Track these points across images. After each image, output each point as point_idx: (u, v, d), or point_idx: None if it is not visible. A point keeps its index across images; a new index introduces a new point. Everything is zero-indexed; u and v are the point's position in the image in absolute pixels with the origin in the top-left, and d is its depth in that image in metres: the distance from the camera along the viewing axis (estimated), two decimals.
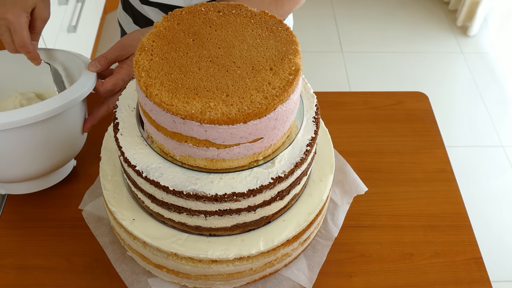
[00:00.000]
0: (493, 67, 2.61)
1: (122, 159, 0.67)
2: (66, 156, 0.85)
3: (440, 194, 0.93)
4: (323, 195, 0.74)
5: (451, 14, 2.91)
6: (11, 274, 0.82)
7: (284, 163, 0.65)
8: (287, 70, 0.61)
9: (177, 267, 0.71)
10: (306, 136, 0.69)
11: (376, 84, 2.50)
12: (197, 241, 0.69)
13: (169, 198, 0.64)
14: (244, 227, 0.69)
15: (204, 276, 0.72)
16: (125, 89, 0.73)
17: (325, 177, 0.76)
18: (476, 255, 0.85)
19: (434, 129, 1.04)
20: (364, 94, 1.12)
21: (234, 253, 0.68)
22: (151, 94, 0.58)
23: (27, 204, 0.89)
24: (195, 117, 0.56)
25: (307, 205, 0.73)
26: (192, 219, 0.67)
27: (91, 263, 0.82)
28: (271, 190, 0.65)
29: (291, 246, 0.72)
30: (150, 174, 0.64)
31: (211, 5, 0.68)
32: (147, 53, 0.62)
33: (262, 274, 0.75)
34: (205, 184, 0.63)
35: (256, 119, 0.58)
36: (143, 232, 0.69)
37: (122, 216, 0.70)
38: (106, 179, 0.74)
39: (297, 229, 0.70)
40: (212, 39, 0.64)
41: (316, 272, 0.79)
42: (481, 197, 2.01)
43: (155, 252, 0.70)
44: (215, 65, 0.61)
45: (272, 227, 0.70)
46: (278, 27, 0.65)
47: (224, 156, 0.61)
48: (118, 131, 0.68)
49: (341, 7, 2.96)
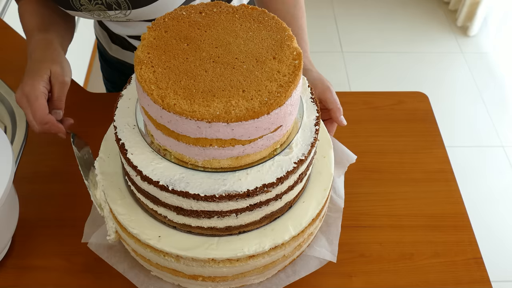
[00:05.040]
0: (493, 67, 2.61)
1: (140, 178, 0.65)
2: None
3: (440, 194, 0.93)
4: (330, 170, 0.76)
5: (451, 14, 2.91)
6: (11, 274, 0.82)
7: (301, 146, 0.67)
8: (290, 56, 0.62)
9: (214, 272, 0.70)
10: (311, 117, 0.71)
11: (376, 84, 2.50)
12: (229, 241, 0.69)
13: (199, 205, 0.64)
14: (271, 217, 0.70)
15: (241, 274, 0.72)
16: (117, 109, 0.71)
17: (327, 153, 0.77)
18: (476, 255, 0.85)
19: (434, 129, 1.04)
20: (364, 94, 1.12)
21: (269, 244, 0.68)
22: (169, 105, 0.57)
23: (27, 204, 0.89)
24: (221, 118, 0.56)
25: (320, 182, 0.75)
26: (222, 221, 0.66)
27: (91, 263, 0.82)
28: (295, 174, 0.66)
29: (314, 224, 0.74)
30: (176, 186, 0.62)
31: (190, 8, 0.68)
32: (148, 66, 0.61)
33: (292, 259, 0.77)
34: (234, 183, 0.63)
35: (277, 108, 0.59)
36: (174, 247, 0.68)
37: (146, 236, 0.68)
38: (116, 204, 0.71)
39: (319, 207, 0.72)
40: (206, 40, 0.64)
41: (336, 244, 0.80)
42: (481, 197, 2.01)
43: (189, 263, 0.69)
44: (220, 65, 0.61)
45: (295, 211, 0.72)
46: (264, 17, 0.67)
47: (249, 151, 0.62)
48: (127, 152, 0.66)
49: (341, 7, 2.96)
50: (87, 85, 2.38)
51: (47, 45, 0.87)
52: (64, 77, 0.83)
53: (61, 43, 0.90)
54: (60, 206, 0.90)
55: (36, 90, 0.79)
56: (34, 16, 0.91)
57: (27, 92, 0.80)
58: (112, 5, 0.85)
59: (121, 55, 1.11)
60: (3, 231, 0.79)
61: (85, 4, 0.85)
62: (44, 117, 0.79)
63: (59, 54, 0.86)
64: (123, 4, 0.85)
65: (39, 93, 0.79)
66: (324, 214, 0.79)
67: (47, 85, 0.82)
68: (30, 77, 0.81)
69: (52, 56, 0.85)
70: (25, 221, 0.87)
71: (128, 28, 1.01)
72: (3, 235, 0.80)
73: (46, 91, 0.81)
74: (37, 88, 0.80)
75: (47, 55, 0.85)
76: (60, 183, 0.93)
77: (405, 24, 2.86)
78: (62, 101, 0.84)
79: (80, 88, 1.12)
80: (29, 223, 0.88)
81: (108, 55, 1.15)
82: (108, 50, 1.14)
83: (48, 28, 0.90)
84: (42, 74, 0.81)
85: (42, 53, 0.85)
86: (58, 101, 0.83)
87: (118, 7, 0.86)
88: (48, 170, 0.96)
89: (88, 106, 1.07)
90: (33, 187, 0.93)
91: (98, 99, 1.10)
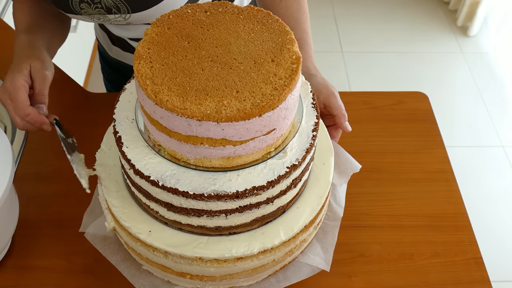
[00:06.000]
0: (493, 67, 2.61)
1: (133, 172, 0.65)
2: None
3: (440, 194, 0.93)
4: (329, 177, 0.75)
5: (451, 14, 2.91)
6: (11, 274, 0.82)
7: (295, 151, 0.67)
8: (289, 60, 0.62)
9: (202, 271, 0.70)
10: (309, 122, 0.70)
11: (376, 84, 2.49)
12: (218, 241, 0.69)
13: (188, 203, 0.64)
14: (262, 220, 0.69)
15: (229, 276, 0.72)
16: (118, 102, 0.72)
17: (327, 160, 0.77)
18: (476, 255, 0.85)
19: (434, 129, 1.04)
20: (364, 94, 1.12)
21: (258, 247, 0.68)
22: (162, 101, 0.57)
23: (27, 204, 0.89)
24: (211, 117, 0.56)
25: (317, 189, 0.74)
26: (212, 220, 0.66)
27: (91, 263, 0.82)
28: (287, 179, 0.66)
29: (308, 232, 0.74)
30: (166, 182, 0.63)
31: (196, 6, 0.68)
32: (146, 61, 0.61)
33: (283, 264, 0.76)
34: (224, 183, 0.63)
35: (270, 111, 0.59)
36: (163, 242, 0.68)
37: (137, 230, 0.69)
38: (111, 196, 0.72)
39: (313, 214, 0.72)
40: (207, 39, 0.64)
41: (331, 254, 0.79)
42: (481, 197, 2.01)
43: (177, 260, 0.69)
44: (217, 64, 0.61)
45: (288, 216, 0.71)
46: (268, 20, 0.66)
47: (240, 153, 0.62)
48: (123, 145, 0.67)
49: (341, 7, 2.96)
50: (87, 85, 2.38)
51: (29, 45, 0.86)
52: (44, 71, 0.82)
53: (46, 45, 0.89)
54: (60, 206, 0.90)
55: (16, 84, 0.79)
56: (24, 16, 0.91)
57: (7, 87, 0.79)
58: (112, 9, 0.85)
59: (121, 56, 1.11)
60: (3, 231, 0.80)
61: (85, 8, 0.86)
62: (26, 108, 0.78)
63: (41, 52, 0.86)
64: (123, 8, 0.85)
65: (19, 86, 0.79)
66: (320, 222, 0.78)
67: (27, 79, 0.81)
68: (12, 71, 0.81)
69: (33, 53, 0.84)
70: (25, 221, 0.87)
71: (128, 31, 1.01)
72: (3, 235, 0.80)
73: (27, 85, 0.81)
74: (17, 81, 0.79)
75: (28, 53, 0.84)
76: (60, 183, 0.93)
77: (405, 24, 2.86)
78: (45, 95, 0.82)
79: (80, 88, 1.12)
80: (29, 223, 0.88)
81: (108, 56, 1.15)
82: (109, 51, 1.14)
83: (35, 30, 0.90)
84: (22, 69, 0.81)
85: (23, 52, 0.85)
86: (40, 95, 0.82)
87: (117, 11, 0.86)
88: (48, 170, 0.96)
89: (88, 106, 1.07)
90: (33, 187, 0.93)
91: (98, 99, 1.10)
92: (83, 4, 0.85)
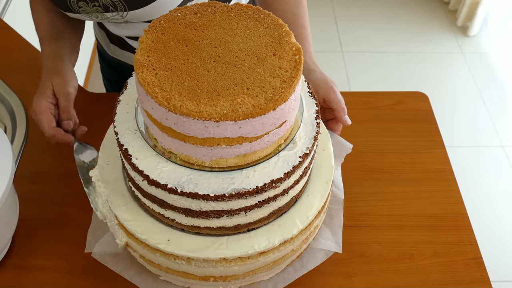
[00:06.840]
0: (493, 67, 2.61)
1: (147, 183, 0.64)
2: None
3: (440, 194, 0.93)
4: (330, 162, 0.76)
5: (451, 14, 2.91)
6: (11, 274, 0.82)
7: (304, 140, 0.68)
8: (290, 52, 0.63)
9: (225, 272, 0.70)
10: (311, 111, 0.71)
11: (376, 84, 2.50)
12: (238, 239, 0.69)
13: (209, 206, 0.64)
14: (278, 212, 0.70)
15: (252, 272, 0.72)
16: (116, 114, 0.70)
17: (326, 146, 0.78)
18: (476, 255, 0.85)
19: (434, 129, 1.04)
20: (364, 94, 1.12)
21: (278, 239, 0.69)
22: (175, 107, 0.57)
23: (27, 204, 0.89)
24: (228, 116, 0.57)
25: (322, 175, 0.75)
26: (232, 219, 0.66)
27: (91, 263, 0.82)
28: (300, 168, 0.67)
29: (320, 217, 0.75)
30: (184, 188, 0.62)
31: (185, 9, 0.68)
32: (149, 69, 0.60)
33: (299, 253, 0.77)
34: (243, 181, 0.63)
35: (282, 104, 0.59)
36: (184, 249, 0.68)
37: (155, 240, 0.68)
38: (121, 211, 0.71)
39: (323, 199, 0.73)
40: (204, 40, 0.64)
41: (340, 235, 0.81)
42: (481, 197, 2.01)
43: (201, 265, 0.69)
44: (221, 64, 0.61)
45: (300, 204, 0.72)
46: (260, 15, 0.67)
47: (255, 148, 0.62)
48: (132, 157, 0.65)
49: (341, 7, 2.96)
50: (87, 85, 2.38)
51: (54, 55, 0.91)
52: (66, 87, 0.87)
53: (68, 53, 0.93)
54: (60, 206, 0.90)
55: (41, 107, 0.85)
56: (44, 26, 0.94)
57: (35, 109, 0.86)
58: (109, 7, 0.86)
59: (119, 55, 1.11)
60: (3, 231, 0.80)
61: (83, 6, 0.86)
62: (50, 131, 0.85)
63: (64, 65, 0.90)
64: (120, 6, 0.85)
65: (44, 109, 0.85)
66: (327, 206, 0.79)
67: (52, 99, 0.87)
68: (37, 93, 0.87)
69: (56, 68, 0.89)
70: (25, 221, 0.87)
71: (126, 29, 1.01)
72: (3, 235, 0.80)
73: (52, 105, 0.87)
74: (41, 104, 0.85)
75: (51, 68, 0.89)
76: (60, 183, 0.93)
77: (405, 24, 2.86)
78: (69, 112, 0.87)
79: (80, 88, 1.11)
80: (29, 223, 0.88)
81: (107, 55, 1.16)
82: (107, 50, 1.14)
83: (56, 39, 0.93)
84: (45, 90, 0.86)
85: (48, 66, 0.90)
86: (65, 112, 0.87)
87: (114, 9, 0.86)
88: (48, 170, 0.96)
89: (88, 106, 1.06)
90: (33, 187, 0.93)
91: (98, 99, 1.10)
92: (81, 3, 0.85)
